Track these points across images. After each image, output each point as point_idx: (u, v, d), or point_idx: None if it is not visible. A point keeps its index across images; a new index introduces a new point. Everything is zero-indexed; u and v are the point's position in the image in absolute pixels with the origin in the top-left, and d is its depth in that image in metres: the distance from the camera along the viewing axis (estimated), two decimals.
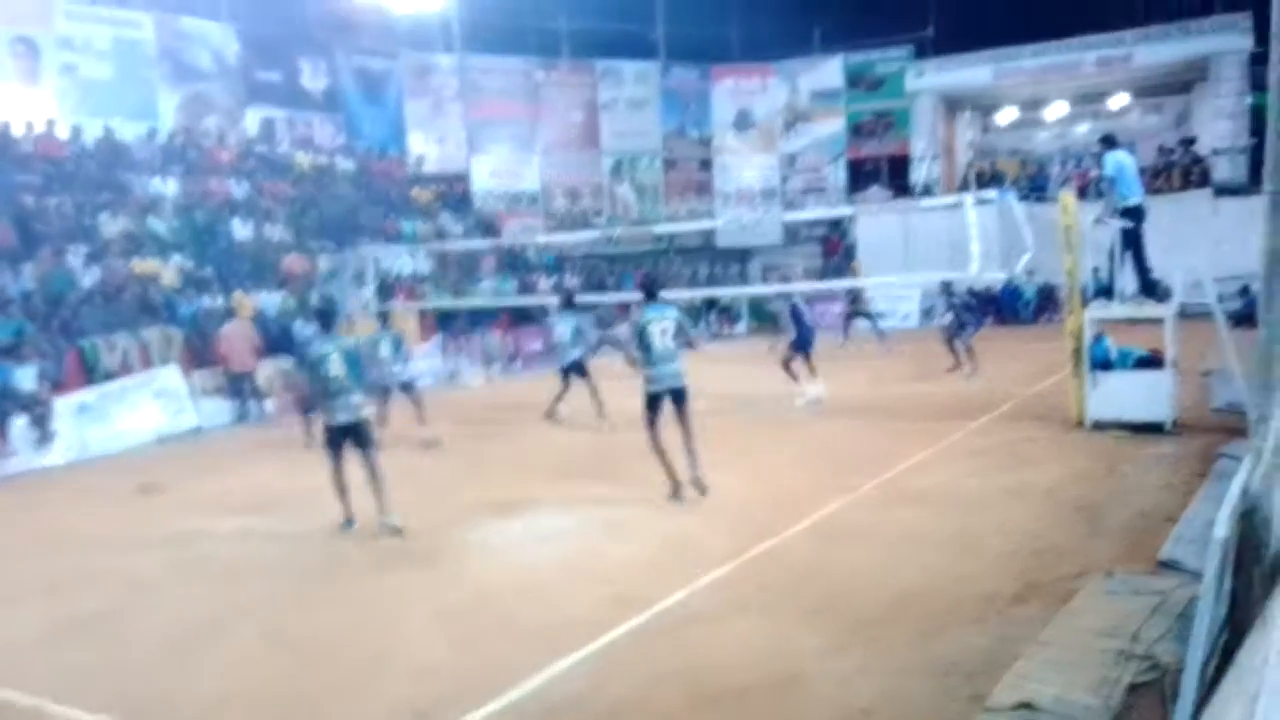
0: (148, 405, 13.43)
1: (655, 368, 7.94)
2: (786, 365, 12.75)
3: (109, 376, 13.48)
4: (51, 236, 15.14)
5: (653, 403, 8.01)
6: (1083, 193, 22.13)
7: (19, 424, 12.02)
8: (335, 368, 7.45)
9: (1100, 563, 5.85)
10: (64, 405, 12.50)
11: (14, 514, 9.75)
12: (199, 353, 14.79)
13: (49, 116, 17.34)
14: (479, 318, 19.54)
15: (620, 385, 10.75)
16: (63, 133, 17.38)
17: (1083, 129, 28.16)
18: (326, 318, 8.22)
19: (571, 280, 22.91)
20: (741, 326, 25.65)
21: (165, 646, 5.56)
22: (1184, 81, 26.00)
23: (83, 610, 6.25)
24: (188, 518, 8.70)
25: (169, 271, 16.06)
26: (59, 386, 12.83)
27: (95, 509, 9.55)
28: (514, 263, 22.92)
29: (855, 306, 19.01)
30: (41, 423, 12.20)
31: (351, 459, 7.69)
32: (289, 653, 5.37)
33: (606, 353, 14.94)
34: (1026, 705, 3.97)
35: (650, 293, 8.28)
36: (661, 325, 7.94)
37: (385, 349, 11.81)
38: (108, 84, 18.79)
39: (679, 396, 8.02)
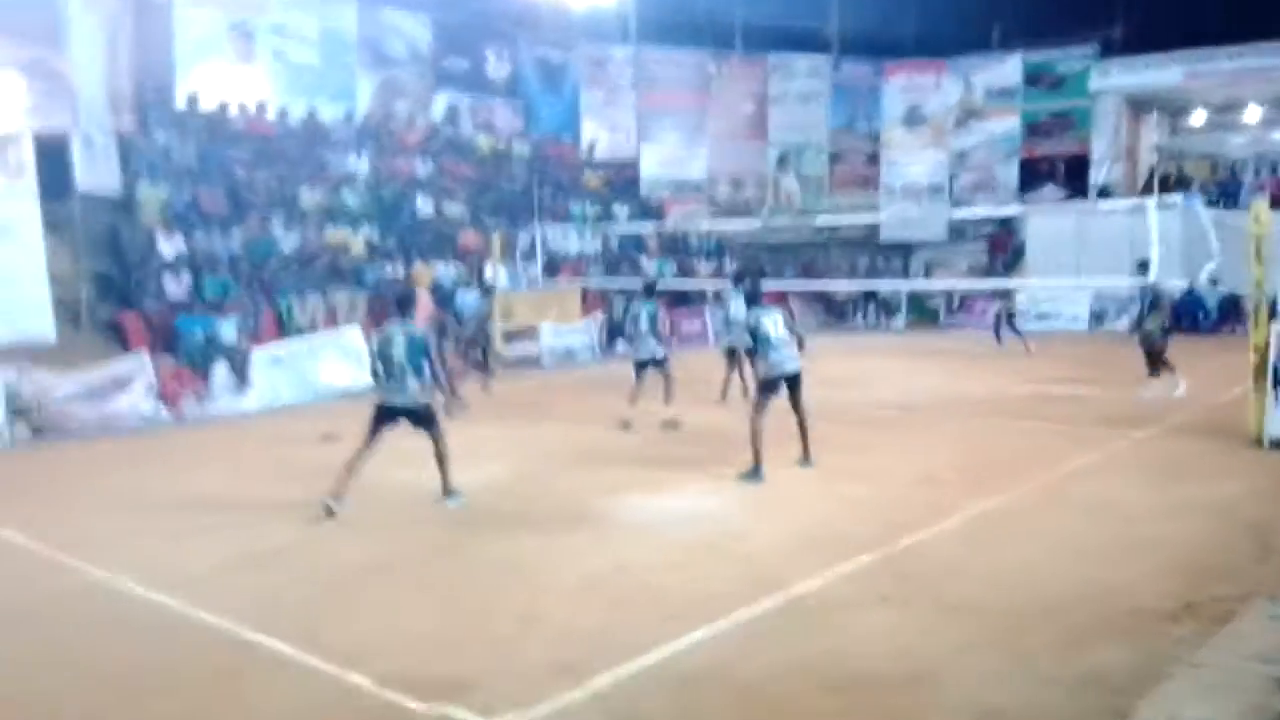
0: (333, 361, 14.36)
1: (773, 354, 8.56)
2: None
3: (300, 333, 14.61)
4: (257, 205, 16.54)
5: (768, 386, 8.63)
6: (1277, 201, 20.88)
7: (221, 371, 13.23)
8: (397, 351, 7.52)
9: (1266, 587, 5.58)
10: (260, 356, 13.59)
11: (214, 451, 10.70)
12: (379, 317, 15.88)
13: (260, 98, 18.81)
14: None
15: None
16: (271, 114, 18.88)
17: None
18: (404, 304, 8.26)
19: (732, 265, 23.23)
20: (900, 320, 25.35)
21: (330, 583, 6.03)
22: None
23: (263, 545, 6.84)
24: (370, 466, 9.40)
25: (357, 241, 17.29)
26: (256, 339, 14.06)
27: (284, 452, 10.32)
28: (675, 247, 23.41)
29: (1008, 307, 18.44)
30: (240, 371, 13.36)
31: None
32: (444, 601, 5.67)
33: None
34: None
35: (752, 299, 9.04)
36: (772, 318, 8.65)
37: (643, 323, 11.43)
38: (313, 68, 20.21)
39: (794, 381, 8.68)
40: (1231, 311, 20.85)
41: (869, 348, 15.54)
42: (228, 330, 13.59)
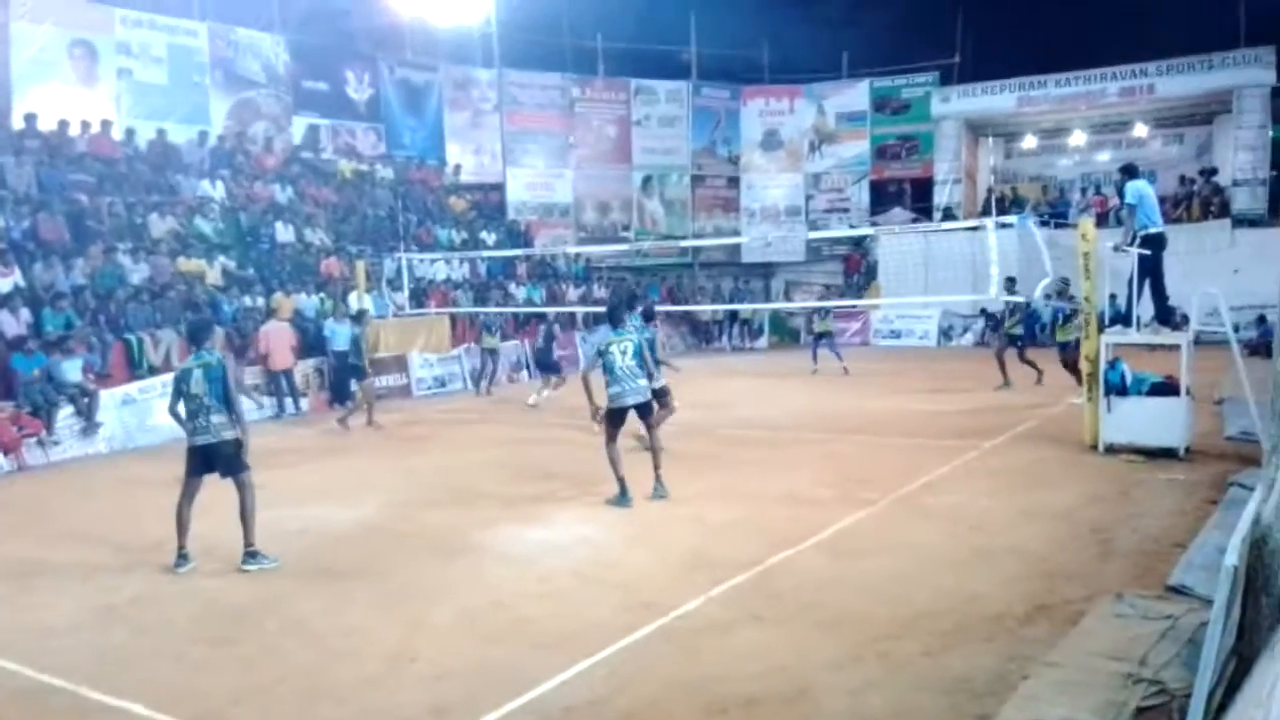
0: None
1: (614, 387, 8.51)
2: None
3: (153, 371, 13.92)
4: (103, 234, 15.68)
5: (612, 417, 8.63)
6: (1102, 219, 22.48)
7: (65, 413, 12.48)
8: (196, 386, 7.02)
9: (1110, 586, 5.88)
10: (109, 397, 12.93)
11: (60, 500, 10.08)
12: (240, 350, 15.36)
13: (105, 118, 17.94)
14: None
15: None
16: (117, 134, 18.01)
17: (1104, 157, 28.46)
18: (198, 333, 7.98)
19: (600, 291, 23.46)
20: (763, 340, 26.09)
21: (192, 636, 5.77)
22: (1206, 113, 26.28)
23: (119, 597, 6.53)
24: (225, 508, 9.04)
25: (213, 271, 16.61)
26: (105, 379, 13.32)
27: (138, 498, 9.76)
28: (544, 272, 23.45)
29: (820, 329, 19.10)
30: (87, 413, 12.66)
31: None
32: (312, 645, 5.53)
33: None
34: None
35: (612, 321, 8.89)
36: (622, 346, 8.50)
37: (629, 358, 10.91)
38: (162, 89, 19.45)
39: (642, 410, 8.68)
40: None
41: (734, 369, 15.95)
42: (72, 369, 12.82)
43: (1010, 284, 14.18)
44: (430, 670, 5.13)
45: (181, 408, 7.16)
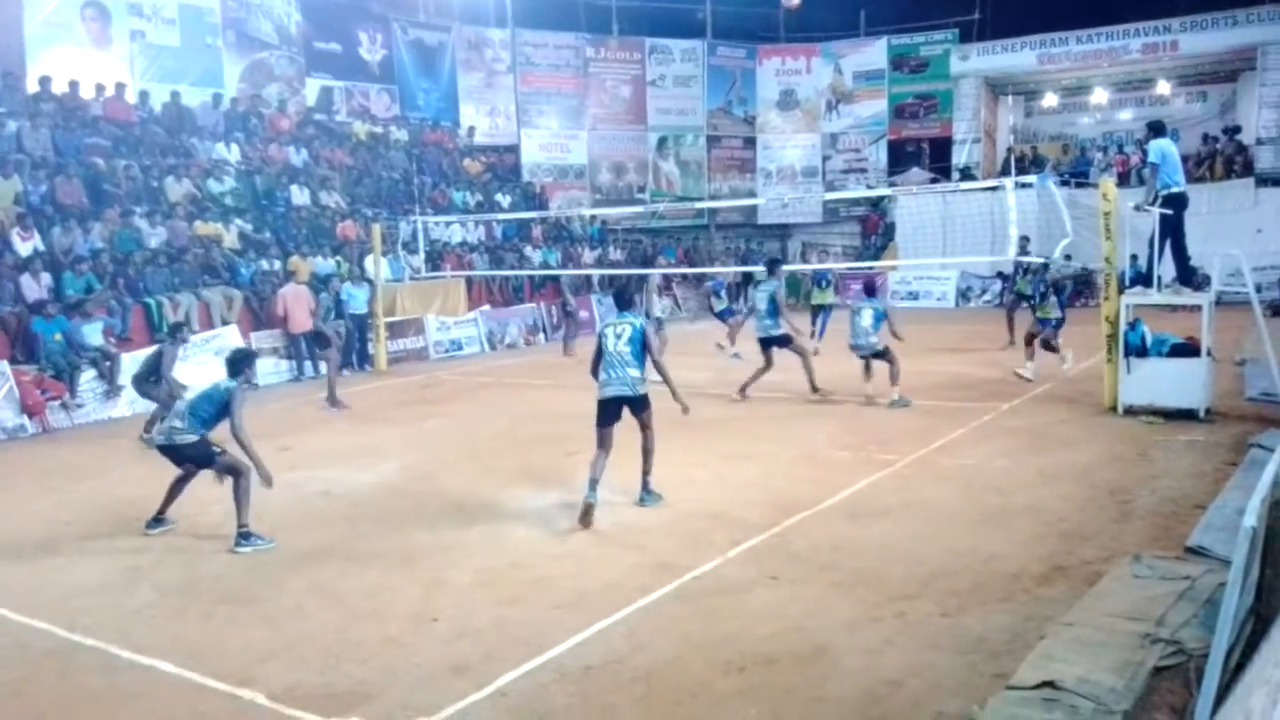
0: (209, 363, 13.95)
1: (602, 373, 7.39)
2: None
3: (192, 331, 14.03)
4: (119, 198, 15.70)
5: (600, 413, 7.36)
6: (1124, 179, 22.24)
7: (87, 377, 12.62)
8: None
9: (1128, 546, 5.91)
10: (130, 360, 13.02)
11: (84, 462, 10.17)
12: (257, 314, 15.43)
13: (119, 80, 17.90)
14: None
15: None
16: (131, 97, 17.97)
17: (1126, 115, 28.06)
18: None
19: (617, 253, 23.43)
20: None
21: (217, 596, 5.87)
22: (1230, 70, 25.82)
23: (144, 559, 6.65)
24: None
25: (230, 234, 16.65)
26: (125, 342, 13.41)
27: (158, 461, 9.82)
28: (559, 235, 23.41)
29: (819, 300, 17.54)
30: (109, 376, 12.78)
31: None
32: (334, 606, 5.60)
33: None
34: (1050, 684, 3.97)
35: (619, 303, 7.88)
36: (617, 330, 7.40)
37: (763, 302, 11.84)
38: (175, 51, 19.37)
39: (634, 405, 7.38)
40: (1085, 285, 22.14)
41: (749, 330, 15.82)
42: (92, 333, 12.92)
43: (1024, 243, 14.02)
44: (450, 630, 5.20)
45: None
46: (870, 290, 12.66)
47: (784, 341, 11.80)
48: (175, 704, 4.52)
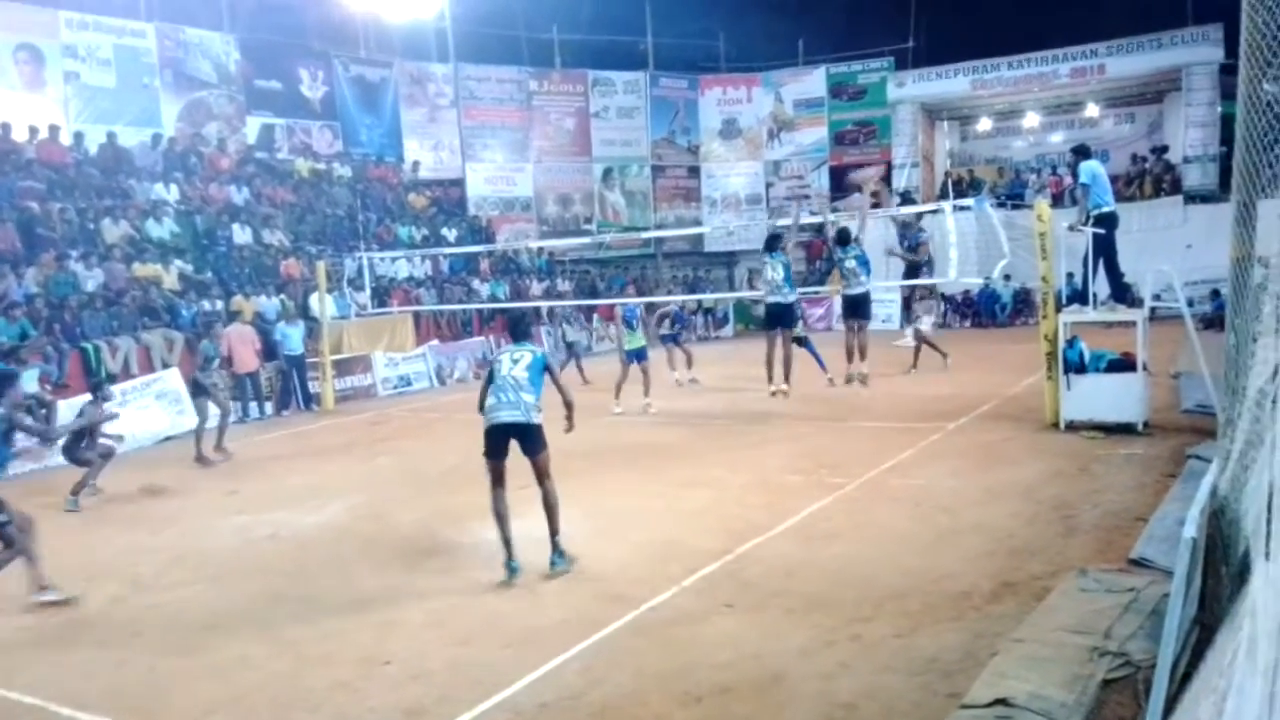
0: (150, 407, 13.69)
1: (493, 397, 6.63)
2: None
3: (111, 379, 13.69)
4: (54, 241, 15.42)
5: (488, 444, 6.64)
6: (1057, 200, 22.80)
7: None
8: None
9: (1074, 561, 5.98)
10: (67, 408, 12.71)
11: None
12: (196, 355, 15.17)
13: (52, 123, 17.62)
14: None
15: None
16: (66, 139, 17.69)
17: (1058, 138, 28.81)
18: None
19: (564, 285, 23.43)
20: (728, 329, 26.19)
21: (161, 648, 5.72)
22: (1156, 91, 26.65)
23: (81, 613, 6.44)
24: (193, 516, 9.03)
25: (170, 276, 16.39)
26: (62, 389, 13.07)
27: (97, 510, 9.73)
28: (507, 268, 23.37)
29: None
30: (44, 424, 12.45)
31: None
32: (284, 652, 5.50)
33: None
34: (1003, 701, 4.00)
35: (515, 334, 7.40)
36: (514, 356, 6.72)
37: (779, 272, 11.97)
38: (111, 92, 19.14)
39: (525, 435, 6.58)
40: (1024, 304, 22.64)
41: (700, 357, 15.95)
42: (28, 379, 12.57)
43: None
44: (404, 672, 5.12)
45: None
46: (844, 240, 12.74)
47: (791, 318, 12.32)
48: None
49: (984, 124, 29.37)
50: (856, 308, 12.71)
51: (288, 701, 4.87)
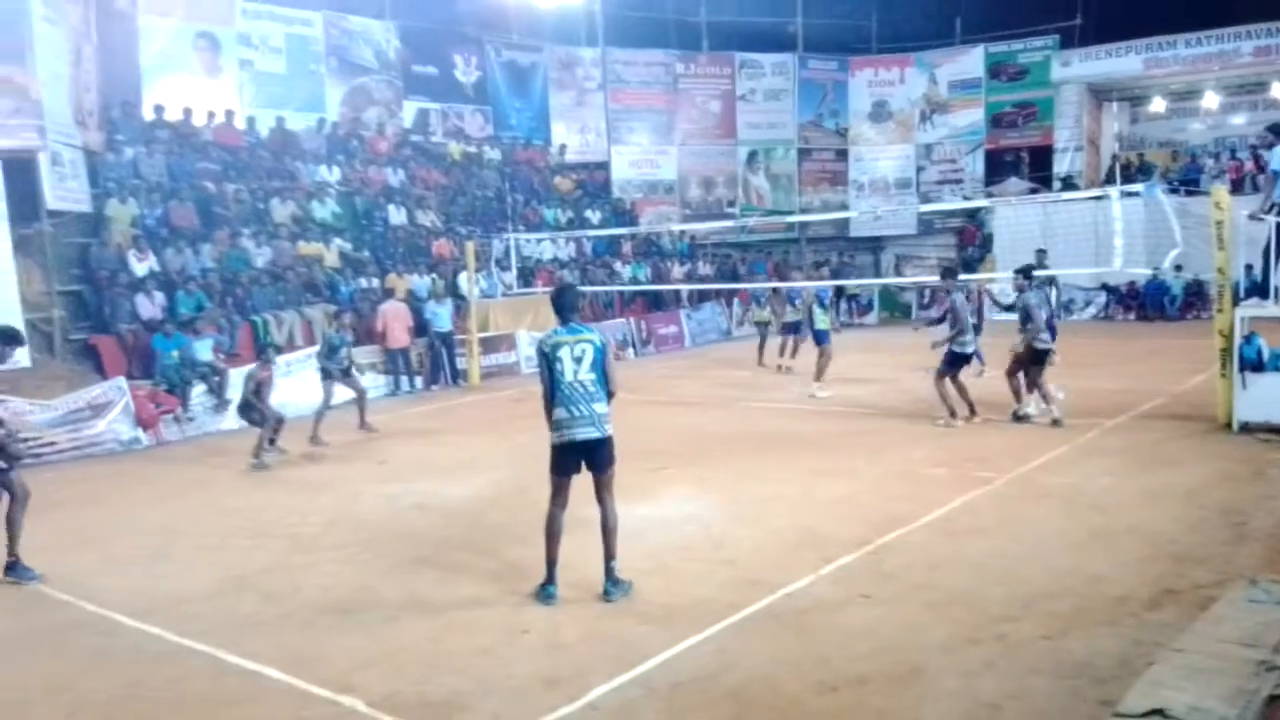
0: (311, 378, 14.42)
1: (560, 410, 5.89)
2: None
3: (278, 350, 14.51)
4: (229, 220, 16.41)
5: (558, 461, 5.97)
6: (1237, 186, 21.28)
7: (198, 391, 13.20)
8: None
9: (1242, 570, 5.69)
10: (237, 375, 13.55)
11: (194, 473, 10.61)
12: (356, 330, 15.86)
13: (228, 107, 18.72)
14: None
15: None
16: (239, 123, 18.77)
17: (1239, 120, 26.86)
18: None
19: (706, 268, 23.39)
20: (872, 316, 25.61)
21: (318, 605, 6.03)
22: None
23: (250, 567, 6.87)
24: (347, 483, 9.49)
25: (331, 254, 17.21)
26: (233, 358, 13.95)
27: (264, 472, 10.36)
28: (648, 250, 23.53)
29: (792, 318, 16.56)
30: (218, 391, 13.32)
31: None
32: (430, 617, 5.71)
33: None
34: (1159, 712, 3.81)
35: (562, 311, 6.10)
36: (573, 351, 5.87)
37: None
38: (281, 78, 20.14)
39: (596, 452, 5.90)
40: (1196, 297, 21.24)
41: (843, 345, 15.64)
42: (203, 349, 13.50)
43: (1041, 256, 12.72)
44: (542, 642, 5.26)
45: None
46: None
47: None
48: (279, 709, 4.67)
49: (1157, 105, 27.62)
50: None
51: (434, 663, 5.06)
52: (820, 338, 13.82)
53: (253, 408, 10.85)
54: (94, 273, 14.14)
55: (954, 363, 11.03)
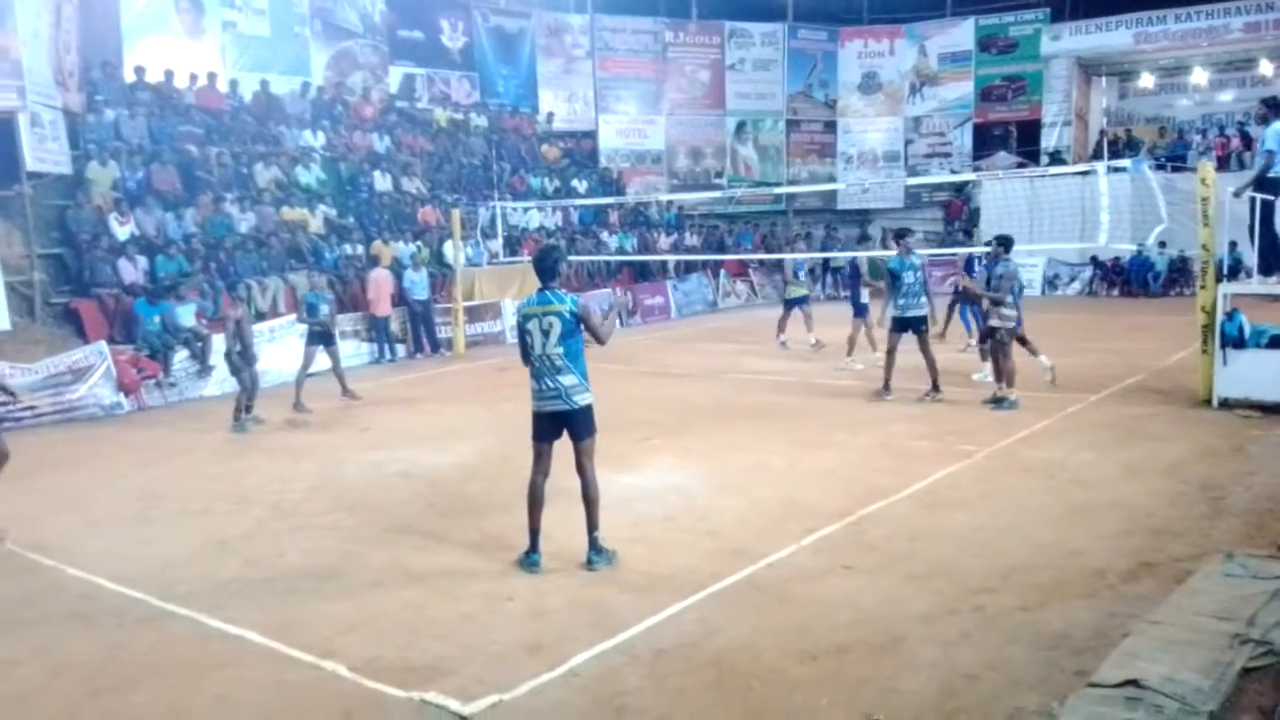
0: (295, 344, 14.35)
1: (534, 380, 5.89)
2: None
3: (260, 316, 14.38)
4: (211, 184, 16.21)
5: (535, 427, 5.99)
6: (1223, 163, 21.34)
7: (180, 357, 13.10)
8: None
9: (1219, 544, 5.73)
10: (220, 341, 13.50)
11: (176, 439, 10.54)
12: (340, 297, 15.78)
13: (211, 70, 18.43)
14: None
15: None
16: (222, 86, 18.50)
17: (1227, 97, 26.86)
18: None
19: (693, 239, 23.30)
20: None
21: (301, 571, 6.04)
22: None
23: (232, 532, 6.87)
24: (331, 450, 9.47)
25: (315, 220, 17.06)
26: (216, 323, 13.82)
27: (246, 437, 10.36)
28: (636, 220, 23.44)
29: (794, 294, 15.99)
30: (200, 356, 13.24)
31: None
32: (412, 584, 5.72)
33: None
34: (1133, 682, 3.87)
35: (543, 274, 5.96)
36: (544, 323, 5.79)
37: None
38: (265, 40, 19.85)
39: (570, 423, 5.86)
40: (1180, 274, 21.36)
41: (827, 318, 15.65)
42: (186, 314, 13.39)
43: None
44: (525, 609, 5.27)
45: None
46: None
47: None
48: (261, 672, 4.67)
49: (1145, 80, 27.57)
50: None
51: (417, 628, 5.07)
52: (861, 310, 13.80)
53: (239, 354, 10.78)
54: (74, 236, 13.98)
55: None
